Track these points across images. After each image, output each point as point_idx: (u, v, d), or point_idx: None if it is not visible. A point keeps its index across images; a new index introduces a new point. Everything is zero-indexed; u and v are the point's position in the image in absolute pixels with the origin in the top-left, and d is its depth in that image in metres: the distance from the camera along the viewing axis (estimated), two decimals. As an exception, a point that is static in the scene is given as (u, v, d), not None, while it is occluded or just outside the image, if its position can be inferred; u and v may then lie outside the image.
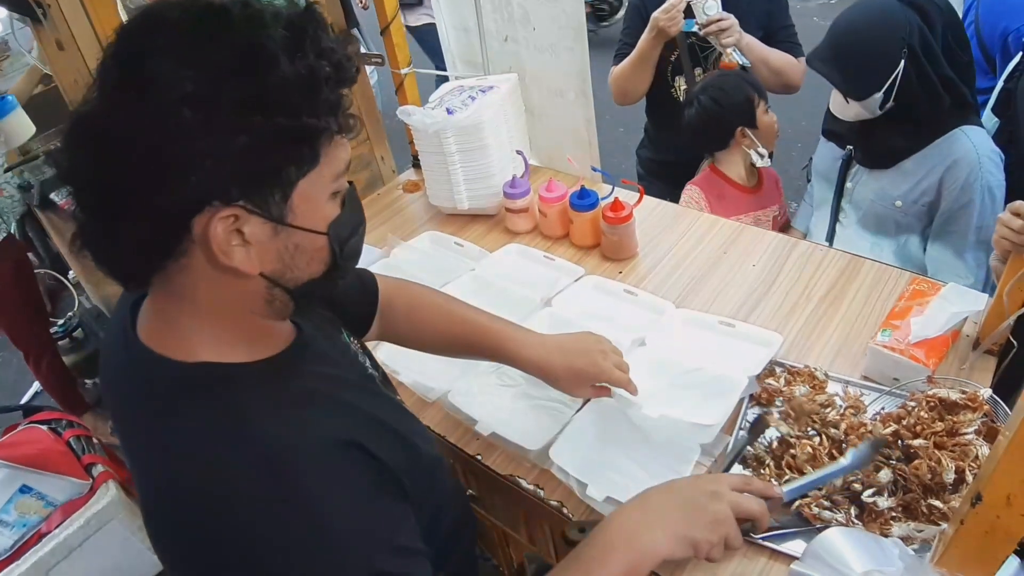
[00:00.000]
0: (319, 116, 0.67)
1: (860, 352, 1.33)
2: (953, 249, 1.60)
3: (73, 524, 1.93)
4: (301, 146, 0.67)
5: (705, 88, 1.97)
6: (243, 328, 0.75)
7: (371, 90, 2.14)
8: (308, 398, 0.76)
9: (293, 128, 0.65)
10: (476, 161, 1.79)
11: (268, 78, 0.63)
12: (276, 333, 0.80)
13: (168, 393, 0.72)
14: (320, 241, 0.73)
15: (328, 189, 0.72)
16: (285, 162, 0.66)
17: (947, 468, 0.94)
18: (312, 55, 0.66)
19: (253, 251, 0.68)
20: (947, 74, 1.54)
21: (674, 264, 1.64)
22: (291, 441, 0.69)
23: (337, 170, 0.72)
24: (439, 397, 1.36)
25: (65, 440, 2.13)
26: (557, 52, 1.78)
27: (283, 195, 0.67)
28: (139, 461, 0.76)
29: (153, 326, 0.75)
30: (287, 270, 0.72)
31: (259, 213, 0.67)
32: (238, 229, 0.66)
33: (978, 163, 1.53)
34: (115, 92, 0.64)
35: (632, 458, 1.21)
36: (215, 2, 0.66)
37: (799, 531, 1.04)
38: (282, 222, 0.69)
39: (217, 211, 0.64)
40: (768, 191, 2.05)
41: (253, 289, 0.73)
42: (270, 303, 0.75)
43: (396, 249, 1.76)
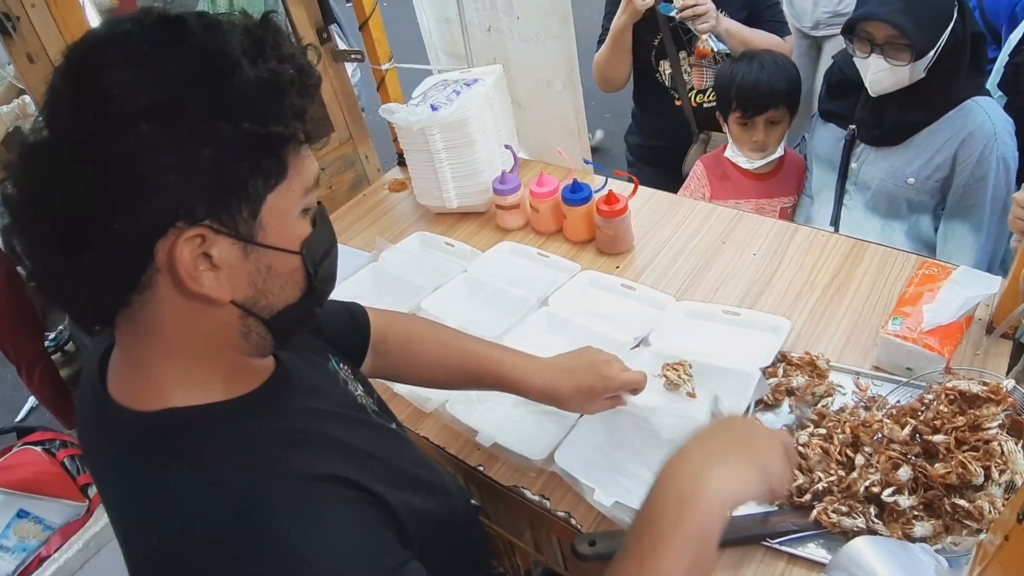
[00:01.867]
0: (286, 123, 0.63)
1: (870, 341, 1.29)
2: (971, 224, 1.56)
3: (72, 547, 1.91)
4: (268, 156, 0.63)
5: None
6: (217, 365, 0.70)
7: (352, 87, 2.08)
8: (287, 437, 0.71)
9: (259, 135, 0.61)
10: (463, 157, 1.74)
11: (231, 83, 0.59)
12: (254, 368, 0.75)
13: (136, 449, 0.68)
14: (294, 262, 0.69)
15: (298, 204, 0.68)
16: (252, 174, 0.63)
17: (976, 474, 0.90)
18: (274, 60, 0.63)
19: (223, 276, 0.64)
20: (978, 31, 1.51)
21: (672, 256, 1.60)
22: (263, 486, 0.64)
23: (306, 184, 0.68)
24: (437, 408, 1.31)
25: (60, 461, 2.10)
26: (543, 41, 1.72)
27: (252, 211, 0.64)
28: (117, 523, 0.73)
29: (121, 374, 0.71)
30: (260, 296, 0.68)
31: (227, 232, 0.63)
32: (205, 252, 0.62)
33: (994, 134, 1.49)
34: (67, 113, 0.60)
35: (641, 461, 1.17)
36: (169, 14, 0.62)
37: (816, 534, 1.01)
38: (252, 241, 0.65)
39: (182, 232, 0.60)
40: (783, 181, 1.96)
41: (225, 320, 0.68)
42: (246, 336, 0.70)
43: (385, 252, 1.71)
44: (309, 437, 0.72)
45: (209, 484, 0.64)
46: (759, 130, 1.83)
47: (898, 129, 1.60)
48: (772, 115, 1.82)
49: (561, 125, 1.85)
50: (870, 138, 1.66)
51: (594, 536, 1.08)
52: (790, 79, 1.81)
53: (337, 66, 2.01)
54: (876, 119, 1.63)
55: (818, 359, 1.23)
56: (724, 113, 1.92)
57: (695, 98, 2.18)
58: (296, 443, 0.71)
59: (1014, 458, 0.93)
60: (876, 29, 1.47)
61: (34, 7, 1.44)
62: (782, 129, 1.86)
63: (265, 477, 0.65)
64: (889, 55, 1.47)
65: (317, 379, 0.84)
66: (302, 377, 0.80)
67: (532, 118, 1.94)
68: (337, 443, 0.74)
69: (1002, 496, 0.92)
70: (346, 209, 2.01)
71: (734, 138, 1.91)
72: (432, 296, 1.51)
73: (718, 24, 1.96)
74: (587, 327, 1.39)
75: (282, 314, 0.71)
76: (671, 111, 2.24)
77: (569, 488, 1.16)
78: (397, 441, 0.90)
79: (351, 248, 1.82)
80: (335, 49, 1.99)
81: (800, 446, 1.09)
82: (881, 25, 1.45)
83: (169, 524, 0.64)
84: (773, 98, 1.79)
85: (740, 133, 1.88)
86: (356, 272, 1.66)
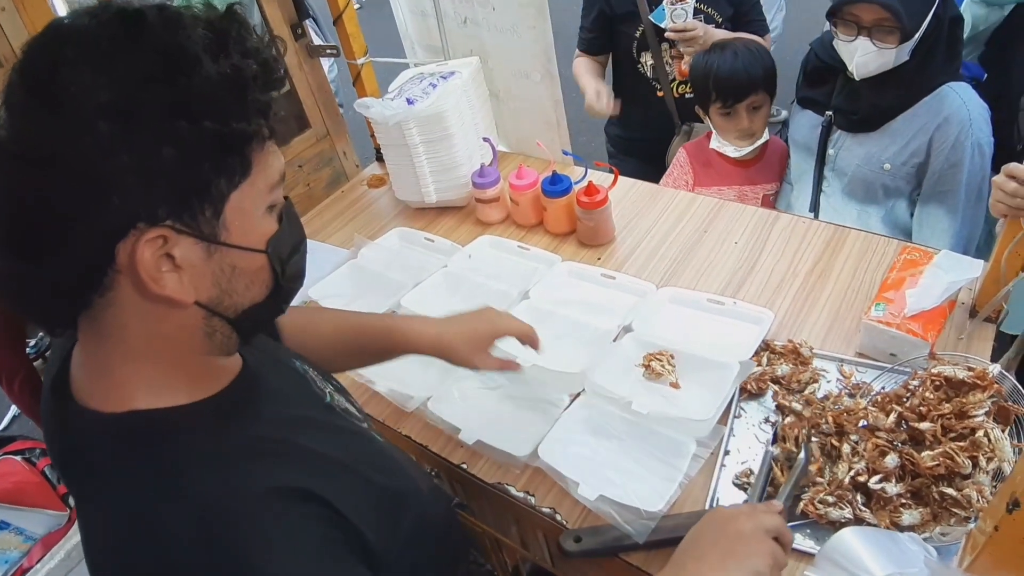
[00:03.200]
0: (249, 120, 0.61)
1: (853, 328, 1.28)
2: (946, 209, 1.56)
3: (54, 558, 1.89)
4: (231, 154, 0.61)
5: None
6: (181, 367, 0.68)
7: (327, 83, 2.05)
8: (253, 445, 0.69)
9: (222, 133, 0.59)
10: (441, 152, 1.71)
11: (191, 81, 0.57)
12: (219, 368, 0.73)
13: (99, 451, 0.66)
14: (259, 260, 0.67)
15: (263, 202, 0.67)
16: (215, 173, 0.61)
17: (964, 466, 0.89)
18: (237, 55, 0.61)
19: (186, 277, 0.62)
20: (956, 14, 1.50)
21: (654, 246, 1.58)
22: (228, 498, 0.62)
23: (271, 180, 0.66)
24: (419, 406, 1.29)
25: (40, 470, 2.07)
26: (519, 32, 1.70)
27: (215, 211, 0.62)
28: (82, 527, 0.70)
29: (84, 375, 0.69)
30: (225, 296, 0.66)
31: (189, 232, 0.61)
32: (167, 253, 0.60)
33: (969, 120, 1.48)
34: (24, 112, 0.57)
35: (626, 454, 1.16)
36: (128, 8, 0.60)
37: (803, 524, 1.00)
38: (215, 241, 0.63)
39: (143, 233, 0.58)
40: (766, 168, 1.95)
41: (189, 322, 0.66)
42: (210, 336, 0.68)
43: (364, 249, 1.68)
44: (275, 447, 0.70)
45: (174, 494, 0.62)
46: (743, 117, 1.82)
47: (874, 114, 1.60)
48: (753, 100, 1.81)
49: (540, 117, 1.83)
50: (846, 124, 1.66)
51: (579, 532, 1.07)
52: (765, 64, 1.80)
53: (313, 62, 1.97)
54: (852, 105, 1.62)
55: (801, 347, 1.23)
56: (704, 106, 1.91)
57: (677, 89, 2.18)
58: (262, 453, 0.69)
59: (1001, 446, 0.92)
60: (864, 12, 1.46)
61: (3, 10, 1.39)
62: (765, 113, 1.85)
63: (230, 491, 0.63)
64: (877, 38, 1.46)
65: (283, 381, 0.83)
66: (268, 379, 0.78)
67: (510, 110, 1.92)
68: (303, 452, 0.72)
69: (990, 484, 0.92)
70: (324, 206, 1.99)
71: (718, 129, 1.90)
72: (412, 293, 1.49)
73: (707, 38, 1.97)
74: (569, 317, 1.38)
75: (248, 313, 0.69)
76: (653, 102, 2.23)
77: (554, 484, 1.15)
78: (368, 443, 0.88)
79: (329, 246, 1.80)
80: (310, 44, 1.95)
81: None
82: (870, 7, 1.44)
83: (134, 525, 0.62)
84: (751, 84, 1.78)
85: (724, 123, 1.87)
86: (335, 270, 1.64)
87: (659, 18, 2.02)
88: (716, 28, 2.05)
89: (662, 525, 1.02)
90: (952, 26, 1.50)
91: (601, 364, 1.25)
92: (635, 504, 1.04)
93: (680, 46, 2.04)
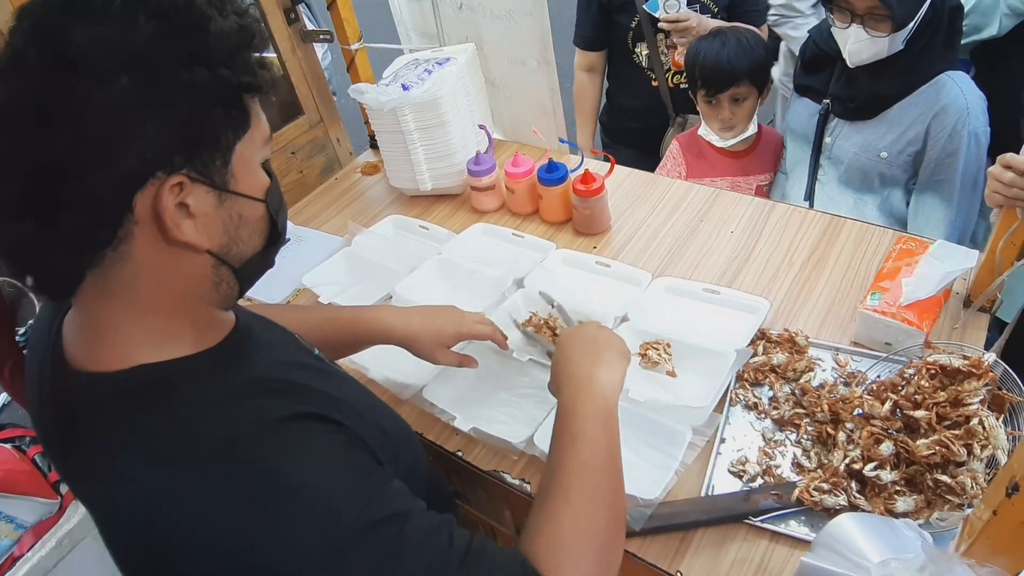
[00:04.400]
0: (252, 73, 0.66)
1: (848, 317, 1.29)
2: (942, 198, 1.56)
3: (45, 546, 1.88)
4: (236, 106, 0.66)
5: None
6: (187, 318, 0.71)
7: (321, 69, 2.03)
8: (256, 386, 0.71)
9: (232, 85, 0.64)
10: (436, 139, 1.70)
11: (207, 34, 0.62)
12: (219, 320, 0.76)
13: (106, 412, 0.66)
14: (260, 209, 0.72)
15: (260, 154, 0.71)
16: (224, 123, 0.65)
17: (959, 454, 0.90)
18: (234, 15, 0.65)
19: (200, 224, 0.66)
20: (956, 4, 1.50)
21: (650, 235, 1.58)
22: (241, 430, 0.65)
23: (265, 134, 0.71)
24: (414, 395, 1.29)
25: (30, 458, 2.06)
26: (515, 18, 1.69)
27: (224, 160, 0.66)
28: (89, 495, 0.71)
29: (81, 339, 0.70)
30: (232, 244, 0.70)
31: (203, 181, 0.65)
32: (183, 201, 0.64)
33: (966, 109, 1.48)
34: (39, 73, 0.58)
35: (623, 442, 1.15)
36: None
37: (798, 511, 1.00)
38: (225, 189, 0.67)
39: (164, 182, 0.62)
40: (759, 158, 1.95)
41: (199, 271, 0.69)
42: (217, 286, 0.71)
43: (358, 237, 1.67)
44: (278, 385, 0.73)
45: (185, 432, 0.64)
46: (724, 107, 1.82)
47: (872, 102, 1.59)
48: (735, 92, 1.80)
49: (536, 104, 1.82)
50: (844, 112, 1.65)
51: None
52: (754, 56, 1.79)
53: (306, 47, 1.95)
54: (850, 93, 1.62)
55: (797, 336, 1.23)
56: (694, 92, 1.91)
57: (672, 79, 2.17)
58: (266, 391, 0.71)
59: (995, 433, 0.93)
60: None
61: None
62: (749, 106, 1.84)
63: (241, 423, 0.65)
64: (869, 25, 1.46)
65: (273, 334, 0.86)
66: (260, 331, 0.81)
67: (506, 97, 1.91)
68: (305, 388, 0.74)
69: (984, 471, 0.92)
70: (318, 193, 1.97)
71: (704, 116, 1.90)
72: (406, 280, 1.48)
73: (700, 28, 1.97)
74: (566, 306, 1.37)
75: (249, 262, 0.73)
76: (647, 92, 2.22)
77: (550, 471, 1.15)
78: (358, 388, 0.92)
79: (323, 233, 1.79)
80: (303, 29, 1.93)
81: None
82: None
83: (154, 476, 0.63)
84: (734, 75, 1.78)
85: (708, 111, 1.87)
86: (329, 257, 1.63)
87: (653, 8, 2.02)
88: (711, 18, 2.05)
89: (658, 512, 1.02)
90: (951, 15, 1.50)
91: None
92: (631, 492, 1.03)
93: (674, 36, 2.03)
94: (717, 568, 0.99)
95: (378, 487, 0.68)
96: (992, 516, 0.63)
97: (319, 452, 0.66)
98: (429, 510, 0.71)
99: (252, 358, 0.75)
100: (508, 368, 1.30)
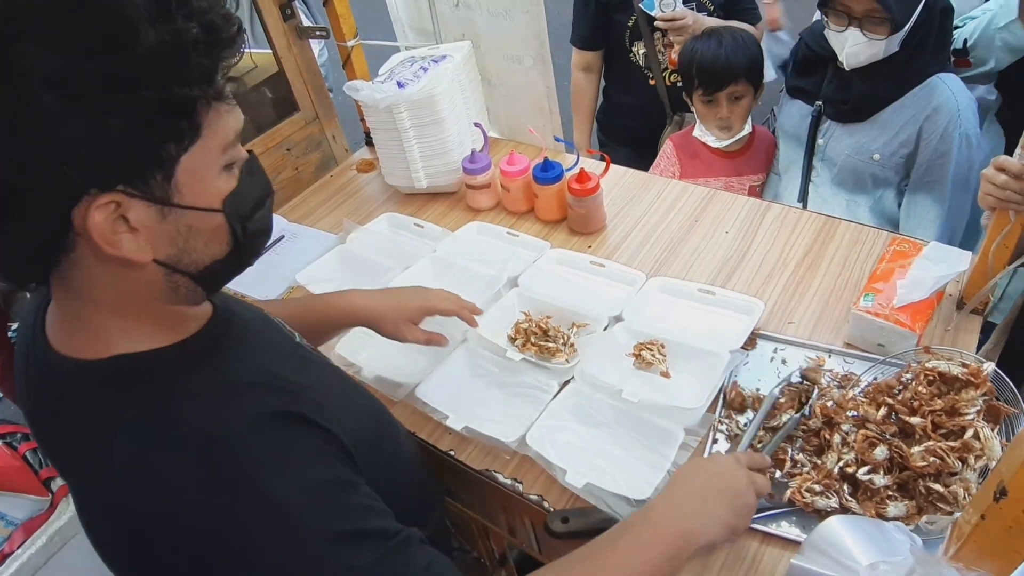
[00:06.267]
0: (191, 85, 0.61)
1: (842, 318, 1.29)
2: (933, 199, 1.56)
3: (36, 543, 1.87)
4: (177, 119, 0.62)
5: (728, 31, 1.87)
6: (150, 316, 0.71)
7: (317, 66, 2.02)
8: (235, 376, 0.72)
9: (164, 101, 0.60)
10: (432, 136, 1.70)
11: (131, 51, 0.58)
12: (190, 314, 0.75)
13: (87, 397, 0.68)
14: (215, 220, 0.69)
15: (218, 162, 0.67)
16: (163, 139, 0.62)
17: (954, 466, 0.90)
18: (180, 18, 0.60)
19: (142, 238, 0.64)
20: (946, 5, 1.50)
21: (644, 235, 1.58)
22: (223, 425, 0.66)
23: (225, 140, 0.67)
24: (407, 395, 1.28)
25: (21, 454, 2.04)
26: (512, 16, 1.68)
27: (165, 175, 0.63)
28: (71, 475, 0.73)
29: (61, 328, 0.71)
30: (183, 254, 0.68)
31: (141, 196, 0.62)
32: (122, 216, 0.62)
33: (957, 111, 1.49)
34: None
35: (615, 442, 1.17)
36: None
37: (789, 512, 1.00)
38: (168, 203, 0.64)
39: (94, 199, 0.60)
40: (752, 159, 1.95)
41: (151, 278, 0.68)
42: (174, 290, 0.70)
43: (352, 234, 1.67)
44: (256, 378, 0.73)
45: (167, 426, 0.65)
46: (722, 106, 1.82)
47: (864, 104, 1.60)
48: (733, 90, 1.80)
49: (532, 102, 1.82)
50: (836, 114, 1.66)
51: (567, 513, 1.06)
52: (750, 54, 1.80)
53: (302, 44, 1.95)
54: (843, 95, 1.62)
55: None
56: (689, 92, 1.90)
57: (669, 78, 2.17)
58: (245, 384, 0.71)
59: (990, 444, 0.93)
60: (855, 2, 1.46)
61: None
62: (746, 104, 1.84)
63: (222, 420, 0.66)
64: (867, 28, 1.46)
65: (253, 320, 0.85)
66: (241, 318, 0.81)
67: (502, 95, 1.91)
68: (285, 381, 0.75)
69: (976, 481, 0.92)
70: (313, 191, 1.96)
71: (700, 116, 1.90)
72: (401, 277, 1.48)
73: (696, 27, 1.97)
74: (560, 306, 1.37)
75: (210, 268, 0.71)
76: (645, 91, 2.22)
77: (542, 471, 1.15)
78: (340, 374, 0.92)
79: (317, 230, 1.78)
80: (299, 26, 1.92)
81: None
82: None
83: (131, 464, 0.64)
84: (732, 73, 1.78)
85: (705, 111, 1.87)
86: (323, 254, 1.62)
87: (649, 7, 2.02)
88: (707, 16, 2.05)
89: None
90: (943, 17, 1.50)
91: (592, 353, 1.25)
92: (623, 491, 1.04)
93: (671, 35, 2.04)
94: (708, 568, 0.99)
95: (346, 503, 0.68)
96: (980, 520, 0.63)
97: (297, 461, 0.67)
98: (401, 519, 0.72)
99: (233, 347, 0.76)
100: (501, 367, 1.30)
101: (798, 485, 0.99)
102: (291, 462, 0.67)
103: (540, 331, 1.29)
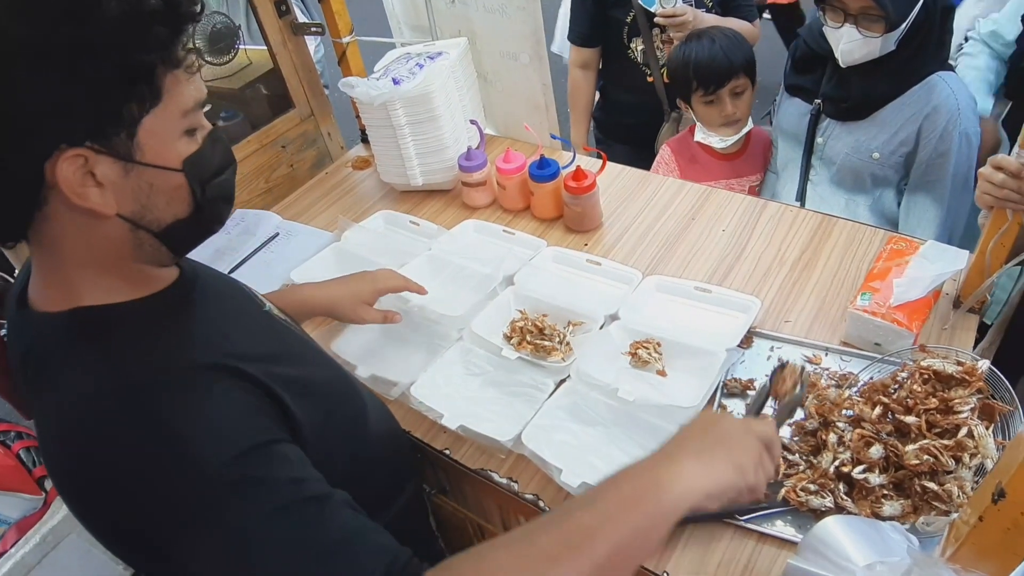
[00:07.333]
0: (150, 51, 0.67)
1: (838, 316, 1.28)
2: (933, 198, 1.56)
3: (29, 542, 1.86)
4: (138, 84, 0.68)
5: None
6: (116, 271, 0.75)
7: (312, 62, 2.01)
8: (185, 334, 0.77)
9: (125, 67, 0.66)
10: (428, 133, 1.69)
11: (94, 20, 0.63)
12: (156, 275, 0.80)
13: (49, 347, 0.74)
14: (176, 179, 0.74)
15: (179, 126, 0.73)
16: (124, 101, 0.67)
17: (948, 465, 0.90)
18: None
19: (107, 192, 0.69)
20: (947, 4, 1.49)
21: (641, 233, 1.57)
22: (153, 375, 0.70)
23: (184, 106, 0.72)
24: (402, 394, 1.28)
25: (15, 453, 2.04)
26: (508, 12, 1.67)
27: (128, 133, 0.69)
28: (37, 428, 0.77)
29: (37, 283, 0.77)
30: (145, 211, 0.73)
31: (107, 152, 0.68)
32: (90, 171, 0.68)
33: (957, 110, 1.48)
34: None
35: (611, 441, 1.16)
36: None
37: (785, 511, 1.00)
38: (131, 160, 0.70)
39: (63, 153, 0.66)
40: (750, 159, 1.94)
41: (116, 233, 0.73)
42: (139, 247, 0.75)
43: (348, 232, 1.66)
44: (208, 336, 0.78)
45: (109, 377, 0.70)
46: (726, 103, 1.81)
47: (864, 103, 1.59)
48: (735, 85, 1.79)
49: (528, 99, 1.81)
50: (836, 112, 1.65)
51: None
52: (744, 49, 1.79)
53: (297, 40, 1.94)
54: (842, 93, 1.61)
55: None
56: (686, 97, 1.87)
57: (667, 75, 2.16)
58: (194, 340, 0.76)
59: (985, 442, 0.92)
60: None
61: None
62: (748, 98, 1.83)
63: (156, 369, 0.71)
64: (862, 25, 1.45)
65: (223, 286, 0.91)
66: (206, 282, 0.85)
67: (498, 92, 1.90)
68: (234, 341, 0.79)
69: (971, 479, 0.92)
70: (308, 188, 1.96)
71: (702, 119, 1.87)
72: (396, 275, 1.47)
73: (696, 23, 1.96)
74: (557, 305, 1.36)
75: (172, 228, 0.75)
76: (643, 88, 2.21)
77: (537, 470, 1.14)
78: (304, 342, 0.96)
79: (312, 228, 1.77)
80: (294, 22, 1.91)
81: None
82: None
83: (74, 418, 0.70)
84: (731, 69, 1.77)
85: (707, 112, 1.84)
86: (318, 252, 1.61)
87: (648, 3, 2.01)
88: (706, 12, 2.04)
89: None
90: (943, 16, 1.49)
91: (588, 352, 1.24)
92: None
93: (670, 31, 2.02)
94: (704, 568, 0.99)
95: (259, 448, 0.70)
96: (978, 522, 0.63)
97: (211, 408, 0.70)
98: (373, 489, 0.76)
99: (192, 308, 0.80)
100: (497, 366, 1.29)
101: (793, 484, 0.98)
102: (215, 414, 0.70)
103: (536, 329, 1.29)
